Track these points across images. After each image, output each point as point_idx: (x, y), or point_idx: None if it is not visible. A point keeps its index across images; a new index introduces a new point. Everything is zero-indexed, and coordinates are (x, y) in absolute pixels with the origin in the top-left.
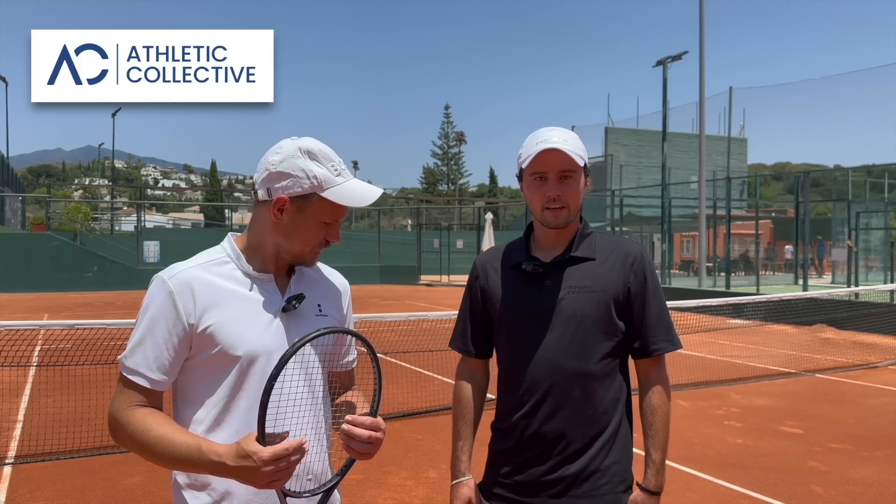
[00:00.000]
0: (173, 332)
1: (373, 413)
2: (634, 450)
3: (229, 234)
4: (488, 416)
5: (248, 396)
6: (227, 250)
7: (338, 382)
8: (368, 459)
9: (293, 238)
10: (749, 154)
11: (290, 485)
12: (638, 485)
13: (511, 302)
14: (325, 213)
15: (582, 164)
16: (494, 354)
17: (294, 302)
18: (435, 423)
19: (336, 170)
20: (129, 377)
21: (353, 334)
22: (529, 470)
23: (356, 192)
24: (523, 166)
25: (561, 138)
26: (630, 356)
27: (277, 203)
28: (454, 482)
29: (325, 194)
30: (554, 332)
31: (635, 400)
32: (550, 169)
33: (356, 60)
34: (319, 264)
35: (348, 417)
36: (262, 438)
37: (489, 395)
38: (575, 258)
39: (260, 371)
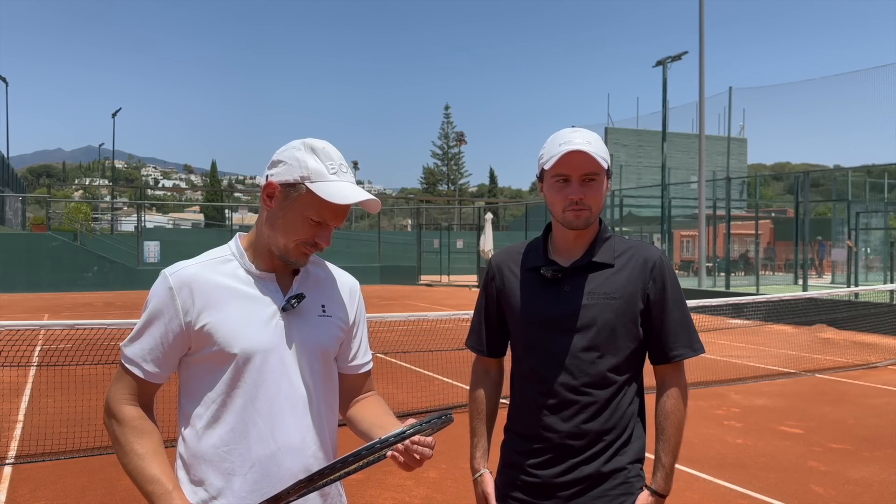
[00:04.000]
0: (169, 327)
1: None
2: (647, 454)
3: (238, 233)
4: (501, 418)
5: (244, 394)
6: (231, 249)
7: (351, 385)
8: (407, 470)
9: (277, 229)
10: (749, 154)
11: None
12: (645, 486)
13: (529, 306)
14: (310, 207)
15: (605, 167)
16: (509, 352)
17: (293, 301)
18: None
19: (333, 168)
20: (127, 366)
21: (430, 426)
22: (544, 472)
23: (341, 190)
24: (546, 167)
25: (585, 140)
26: (650, 361)
27: (267, 188)
28: (473, 478)
29: (311, 186)
30: (572, 338)
31: (649, 400)
32: (574, 171)
33: (357, 61)
34: (329, 264)
35: (416, 439)
36: None
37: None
38: (594, 263)
39: (256, 369)
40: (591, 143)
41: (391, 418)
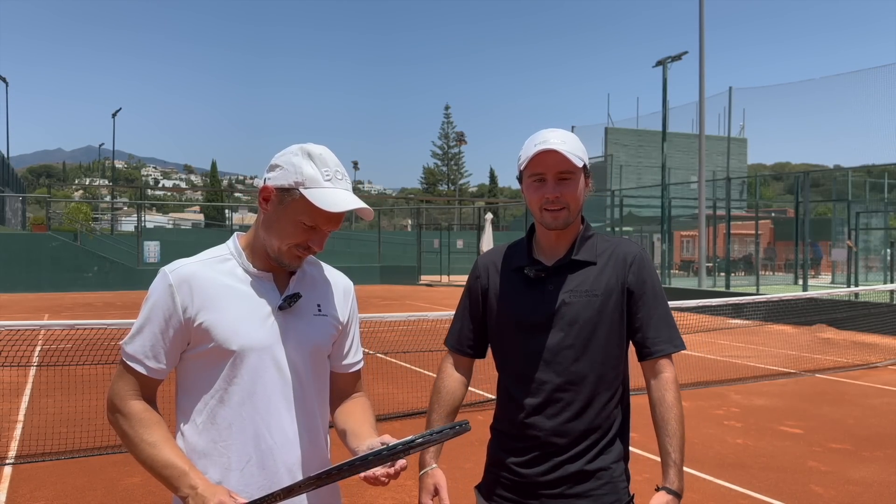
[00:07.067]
0: (170, 323)
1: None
2: (636, 450)
3: (236, 233)
4: (487, 417)
5: (240, 391)
6: (230, 248)
7: (341, 383)
8: (375, 486)
9: (271, 232)
10: (749, 154)
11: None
12: (658, 487)
13: (513, 306)
14: (303, 212)
15: (581, 165)
16: (490, 355)
17: (290, 300)
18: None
19: (328, 175)
20: (129, 363)
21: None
22: (529, 470)
23: (334, 198)
24: (522, 168)
25: (559, 139)
26: (637, 358)
27: (263, 191)
28: (421, 472)
29: (304, 192)
30: (557, 336)
31: (633, 400)
32: (548, 170)
33: (357, 61)
34: (323, 265)
35: (392, 471)
36: None
37: (489, 396)
38: (577, 262)
39: (252, 366)
40: (565, 142)
41: (369, 427)
